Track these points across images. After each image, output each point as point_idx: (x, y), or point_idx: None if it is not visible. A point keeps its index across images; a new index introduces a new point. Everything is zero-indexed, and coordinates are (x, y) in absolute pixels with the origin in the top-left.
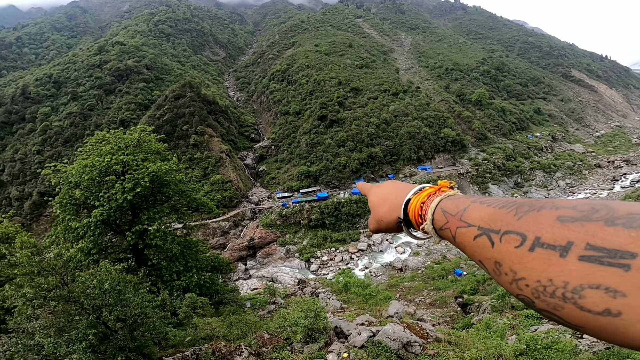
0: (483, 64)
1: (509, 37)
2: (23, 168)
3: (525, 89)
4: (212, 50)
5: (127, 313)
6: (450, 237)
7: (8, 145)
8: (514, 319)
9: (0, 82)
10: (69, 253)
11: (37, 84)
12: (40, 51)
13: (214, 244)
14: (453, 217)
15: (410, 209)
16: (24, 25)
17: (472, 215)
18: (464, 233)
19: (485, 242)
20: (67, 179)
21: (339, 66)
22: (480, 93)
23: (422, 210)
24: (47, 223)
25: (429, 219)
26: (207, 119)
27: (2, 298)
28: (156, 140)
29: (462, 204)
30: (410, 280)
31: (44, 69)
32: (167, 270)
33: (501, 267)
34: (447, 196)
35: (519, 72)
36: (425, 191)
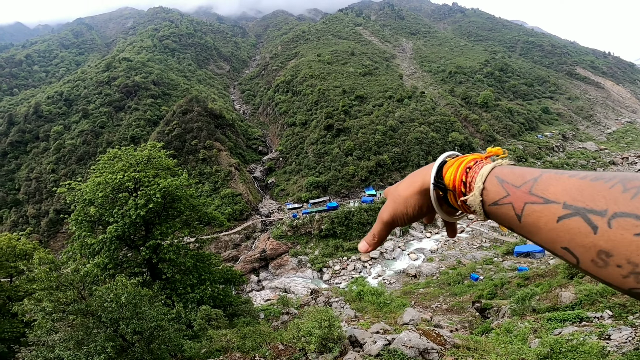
0: (486, 66)
1: (509, 37)
2: (39, 186)
3: (531, 89)
4: (217, 64)
5: (143, 326)
6: (511, 215)
7: (23, 164)
8: (536, 322)
9: (13, 101)
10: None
11: (48, 102)
12: (50, 68)
13: (226, 256)
14: (517, 189)
15: (446, 174)
16: (32, 42)
17: (550, 189)
18: (540, 212)
19: (579, 226)
20: (82, 196)
21: (342, 75)
22: (485, 95)
23: (467, 176)
24: (63, 240)
25: (477, 188)
26: (215, 133)
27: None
28: (166, 156)
29: (529, 173)
30: (425, 287)
31: (55, 87)
32: (181, 283)
33: (611, 257)
34: (501, 164)
35: (523, 72)
36: (467, 156)
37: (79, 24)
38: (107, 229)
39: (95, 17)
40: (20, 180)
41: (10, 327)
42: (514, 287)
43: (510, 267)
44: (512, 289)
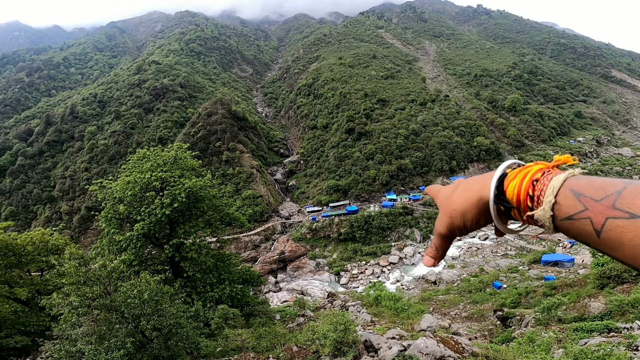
0: (514, 69)
1: (539, 39)
2: (72, 184)
3: (562, 92)
4: (240, 67)
5: (163, 323)
6: (588, 231)
7: (59, 162)
8: (561, 332)
9: (51, 102)
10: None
11: (83, 103)
12: (85, 71)
13: (245, 257)
14: (598, 203)
15: (508, 187)
16: (69, 45)
17: (638, 202)
18: (624, 227)
19: None
20: (112, 194)
21: (364, 78)
22: (513, 98)
23: (534, 189)
24: (93, 236)
25: (547, 202)
26: (238, 135)
27: (49, 306)
28: (191, 157)
29: (611, 185)
30: (444, 294)
31: (89, 89)
32: (201, 282)
33: None
34: (574, 174)
35: (554, 75)
36: (531, 166)
37: (112, 28)
38: (135, 227)
39: (127, 21)
40: (56, 178)
41: (37, 321)
42: (539, 296)
43: (536, 276)
44: (537, 298)
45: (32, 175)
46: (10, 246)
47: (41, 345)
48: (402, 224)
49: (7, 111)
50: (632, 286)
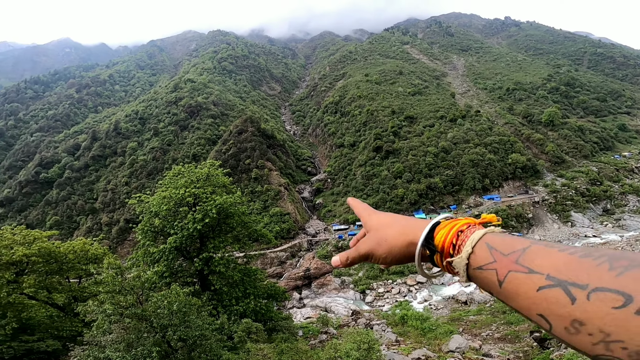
0: (550, 81)
1: (574, 50)
2: (113, 197)
3: (604, 104)
4: (269, 85)
5: (188, 334)
6: (492, 280)
7: (102, 176)
8: None
9: (97, 118)
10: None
11: (126, 120)
12: (128, 88)
13: (271, 272)
14: (505, 258)
15: (438, 235)
16: (114, 63)
17: (537, 260)
18: (521, 280)
19: (558, 297)
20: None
21: (391, 95)
22: (550, 112)
23: (457, 239)
24: (129, 247)
25: (465, 251)
26: (267, 152)
27: (84, 312)
28: (222, 174)
29: (519, 243)
30: (476, 314)
31: (132, 106)
32: (227, 295)
33: (583, 326)
34: (493, 231)
35: (594, 86)
36: (460, 220)
37: (152, 46)
38: (168, 240)
39: (165, 40)
40: (98, 191)
41: (70, 326)
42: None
43: None
44: None
45: (77, 187)
46: (53, 254)
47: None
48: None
49: (57, 126)
50: None
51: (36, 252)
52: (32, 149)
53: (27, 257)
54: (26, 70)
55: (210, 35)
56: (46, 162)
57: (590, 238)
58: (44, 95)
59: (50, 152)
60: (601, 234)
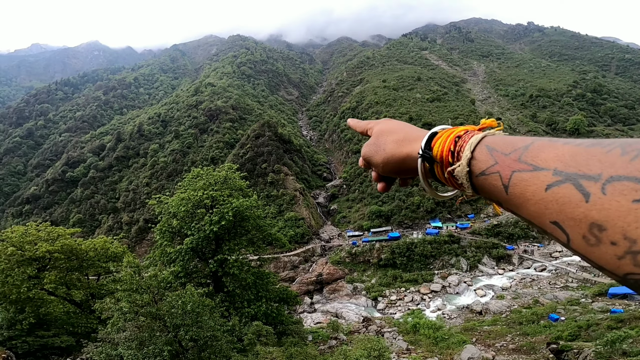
0: (575, 87)
1: (601, 55)
2: (134, 197)
3: (632, 112)
4: (287, 90)
5: (200, 334)
6: (498, 187)
7: (124, 177)
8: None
9: (122, 120)
10: (163, 275)
11: (149, 122)
12: (152, 91)
13: (283, 276)
14: (506, 157)
15: (436, 144)
16: (139, 66)
17: (541, 155)
18: (528, 180)
19: (569, 194)
20: (168, 209)
21: (409, 101)
22: (576, 120)
23: (456, 145)
24: (147, 246)
25: (464, 157)
26: (283, 157)
27: (100, 309)
28: (239, 178)
29: (521, 140)
30: (490, 325)
31: (155, 109)
32: (239, 297)
33: (604, 232)
34: (493, 134)
35: (622, 93)
36: (458, 127)
37: (175, 50)
38: (184, 241)
39: (187, 44)
40: (120, 191)
41: (86, 322)
42: (603, 329)
43: (600, 309)
44: (600, 331)
45: (100, 187)
46: (75, 251)
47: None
48: (447, 252)
49: (84, 127)
50: None
51: (59, 249)
52: (60, 148)
53: (50, 253)
54: (57, 72)
55: (230, 40)
56: (72, 162)
57: None
58: (73, 96)
59: (76, 152)
60: None
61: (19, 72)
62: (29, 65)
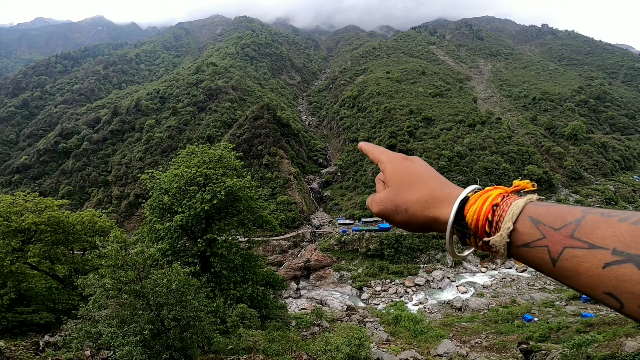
0: (579, 93)
1: (611, 62)
2: (126, 171)
3: (632, 122)
4: (289, 74)
5: (183, 314)
6: (544, 259)
7: (118, 150)
8: None
9: (120, 94)
10: (150, 252)
11: (147, 98)
12: (153, 68)
13: (271, 260)
14: (556, 232)
15: (470, 212)
16: (142, 42)
17: (597, 233)
18: (581, 257)
19: (630, 273)
20: (160, 185)
21: (410, 94)
22: (575, 126)
23: (493, 215)
24: (136, 222)
25: (505, 229)
26: (280, 140)
27: (82, 285)
28: (235, 158)
29: (569, 213)
30: (468, 321)
31: (154, 85)
32: (226, 279)
33: None
34: (532, 200)
35: (625, 102)
36: (492, 191)
37: (179, 29)
38: (174, 218)
39: (192, 23)
40: (113, 164)
41: (67, 299)
42: (572, 333)
43: (573, 313)
44: (569, 334)
45: (93, 159)
46: (62, 224)
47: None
48: (434, 247)
49: (81, 99)
50: None
51: (45, 221)
52: (55, 119)
53: (36, 225)
54: (58, 46)
55: (236, 21)
56: (66, 133)
57: None
58: (72, 70)
59: (71, 124)
60: None
61: (20, 44)
62: (31, 38)
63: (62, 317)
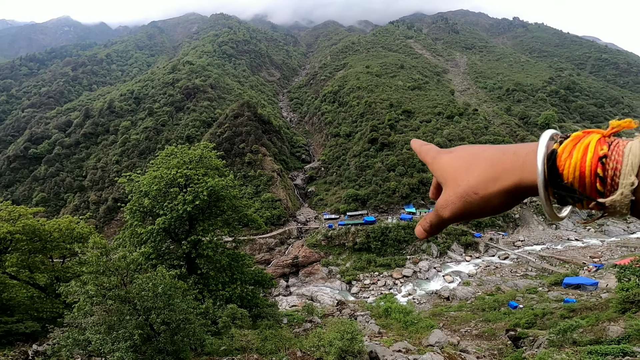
0: (550, 84)
1: (579, 54)
2: (103, 175)
3: (600, 110)
4: (268, 71)
5: (172, 317)
6: None
7: (92, 154)
8: (575, 354)
9: (91, 96)
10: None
11: (121, 99)
12: (125, 68)
13: (259, 259)
14: None
15: (565, 167)
16: (113, 42)
17: None
18: None
19: None
20: (139, 188)
21: (390, 88)
22: (547, 115)
23: (604, 169)
24: (116, 227)
25: (626, 184)
26: (262, 138)
27: (65, 293)
28: (216, 157)
29: None
30: (457, 310)
31: (128, 85)
32: (214, 280)
33: None
34: None
35: (593, 91)
36: (587, 137)
37: (153, 27)
38: (156, 221)
39: (166, 21)
40: (88, 169)
41: (51, 307)
42: (556, 318)
43: (555, 298)
44: (554, 320)
45: (66, 164)
46: (38, 232)
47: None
48: (419, 238)
49: (50, 102)
50: None
51: (20, 230)
52: (23, 124)
53: (11, 234)
54: (22, 48)
55: (212, 19)
56: (36, 138)
57: (573, 242)
58: (39, 72)
59: (40, 128)
60: (583, 238)
61: None
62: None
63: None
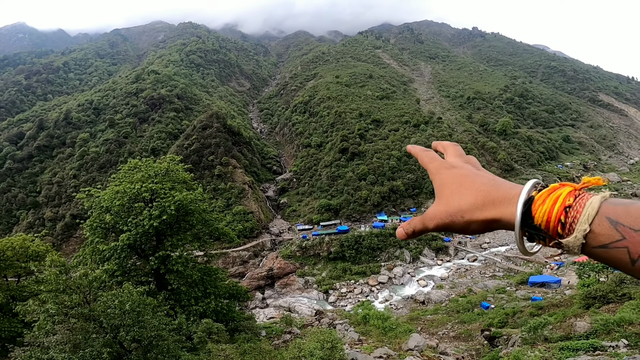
0: (506, 92)
1: (530, 62)
2: (59, 191)
3: (552, 116)
4: (238, 82)
5: (143, 334)
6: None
7: (47, 168)
8: (547, 351)
9: (45, 106)
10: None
11: (78, 109)
12: (84, 77)
13: (233, 272)
14: (637, 234)
15: (537, 212)
16: (71, 50)
17: None
18: None
19: None
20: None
21: (359, 97)
22: (504, 122)
23: (566, 216)
24: (76, 244)
25: (580, 231)
26: (232, 150)
27: (23, 312)
28: (183, 170)
29: None
30: (433, 314)
31: (86, 95)
32: (186, 295)
33: None
34: (606, 198)
35: (544, 98)
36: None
37: (115, 35)
38: (120, 237)
39: (131, 29)
40: (42, 184)
41: (9, 327)
42: (526, 316)
43: (523, 297)
44: (524, 318)
45: (18, 179)
46: None
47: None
48: (392, 245)
49: (1, 113)
50: (617, 306)
51: None
52: None
53: None
54: None
55: (180, 27)
56: None
57: None
58: None
59: None
60: None
61: None
62: None
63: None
